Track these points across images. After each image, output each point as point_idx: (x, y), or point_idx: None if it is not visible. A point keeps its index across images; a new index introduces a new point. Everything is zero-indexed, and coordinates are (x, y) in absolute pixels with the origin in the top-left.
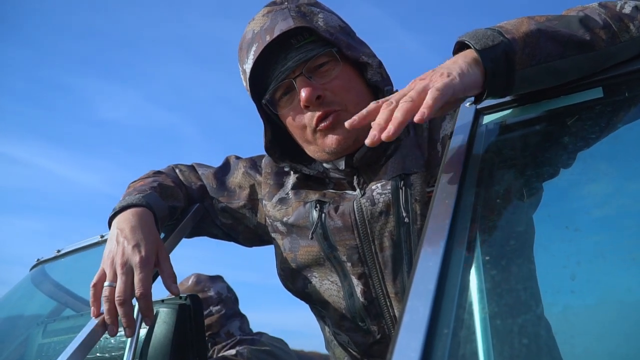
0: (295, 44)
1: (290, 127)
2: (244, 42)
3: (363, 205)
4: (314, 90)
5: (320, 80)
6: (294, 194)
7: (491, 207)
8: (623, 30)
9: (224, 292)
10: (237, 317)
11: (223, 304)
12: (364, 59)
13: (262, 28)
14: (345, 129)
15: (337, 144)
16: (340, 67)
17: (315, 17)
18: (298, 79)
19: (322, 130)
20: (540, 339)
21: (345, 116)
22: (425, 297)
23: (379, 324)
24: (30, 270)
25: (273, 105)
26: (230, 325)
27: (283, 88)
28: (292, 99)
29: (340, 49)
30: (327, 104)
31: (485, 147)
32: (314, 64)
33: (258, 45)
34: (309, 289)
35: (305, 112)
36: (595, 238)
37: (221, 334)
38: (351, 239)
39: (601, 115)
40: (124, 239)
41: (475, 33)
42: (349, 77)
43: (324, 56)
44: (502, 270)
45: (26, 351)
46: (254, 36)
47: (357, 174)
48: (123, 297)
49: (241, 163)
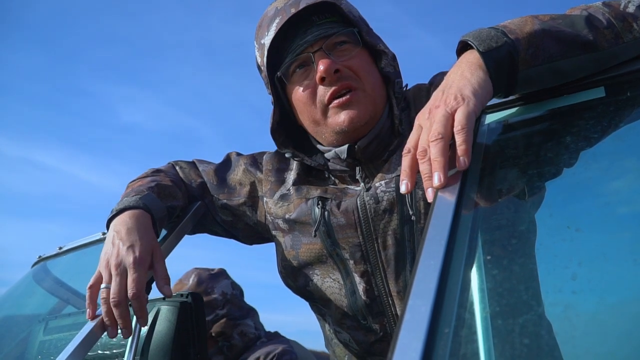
0: (316, 21)
1: (300, 104)
2: (265, 19)
3: (367, 203)
4: (333, 64)
5: (339, 58)
6: (295, 190)
7: (493, 206)
8: (626, 30)
9: (229, 291)
10: (247, 315)
11: (230, 304)
12: (381, 47)
13: (287, 4)
14: (360, 108)
15: (349, 121)
16: (358, 49)
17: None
18: (317, 53)
19: (335, 107)
20: (541, 339)
21: (363, 95)
22: (426, 296)
23: (381, 322)
24: (32, 267)
25: (286, 77)
26: (243, 325)
27: (299, 61)
28: (307, 73)
29: (361, 32)
30: (344, 78)
31: (488, 146)
32: (334, 40)
33: (281, 18)
34: (311, 287)
35: (318, 88)
36: (596, 238)
37: (234, 336)
38: (354, 236)
39: (603, 115)
40: (119, 241)
41: (479, 33)
42: (366, 60)
43: (345, 35)
44: (504, 270)
45: (27, 348)
46: (276, 12)
47: (359, 167)
48: (117, 299)
49: (242, 160)
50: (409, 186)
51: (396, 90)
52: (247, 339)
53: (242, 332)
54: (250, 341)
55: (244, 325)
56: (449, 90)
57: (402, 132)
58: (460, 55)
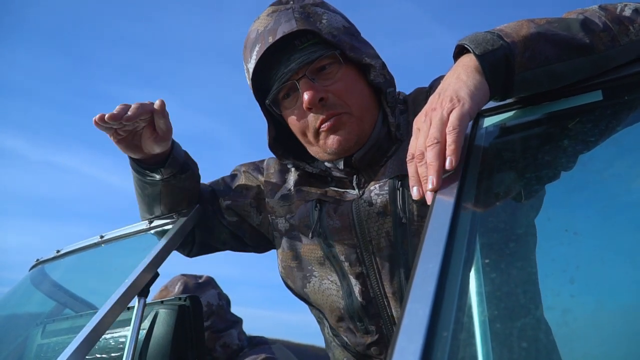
0: (298, 45)
1: (293, 127)
2: (248, 41)
3: (361, 206)
4: (317, 93)
5: (324, 82)
6: (296, 191)
7: (491, 209)
8: (623, 33)
9: (215, 302)
10: (232, 326)
11: (215, 316)
12: (367, 60)
13: (266, 29)
14: (347, 131)
15: (338, 145)
16: (343, 69)
17: (319, 18)
18: (301, 80)
19: (325, 132)
20: (539, 343)
21: (348, 118)
22: (424, 299)
23: (377, 323)
24: (29, 270)
25: (276, 105)
26: (226, 336)
27: (286, 89)
28: (295, 100)
29: (344, 51)
30: (330, 106)
31: (486, 149)
32: (317, 65)
33: (260, 46)
34: (309, 289)
35: (307, 114)
36: (594, 242)
37: (217, 348)
38: (349, 239)
39: (600, 118)
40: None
41: (475, 37)
42: (351, 79)
43: (327, 58)
44: (502, 273)
45: (25, 351)
46: (257, 36)
47: (357, 174)
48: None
49: (244, 167)
50: (420, 191)
51: (389, 99)
52: (230, 350)
53: (224, 343)
54: (234, 353)
55: (227, 336)
56: (445, 93)
57: (399, 137)
58: (457, 59)
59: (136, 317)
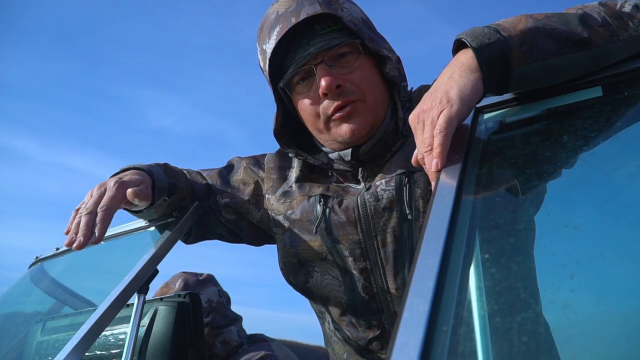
0: (319, 31)
1: (304, 113)
2: (266, 23)
3: (367, 201)
4: (335, 79)
5: (341, 70)
6: (298, 187)
7: (491, 205)
8: (622, 29)
9: (215, 299)
10: (231, 323)
11: (215, 313)
12: (385, 52)
13: (287, 10)
14: (361, 120)
15: (351, 133)
16: (361, 58)
17: (340, 6)
18: (319, 66)
19: (337, 120)
20: (539, 337)
21: (363, 107)
22: (424, 294)
23: (379, 319)
24: (29, 268)
25: (289, 89)
26: (225, 333)
27: (302, 73)
28: (310, 85)
29: (363, 41)
30: (346, 93)
31: (485, 145)
32: (337, 52)
33: (282, 26)
34: (310, 284)
35: (321, 101)
36: (594, 236)
37: (217, 344)
38: (354, 233)
39: (600, 114)
40: (111, 178)
41: (473, 31)
42: (368, 69)
43: (347, 46)
44: (502, 268)
45: (25, 348)
46: (277, 17)
47: (362, 167)
48: (89, 209)
49: (244, 161)
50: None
51: (402, 94)
52: (229, 347)
53: (224, 340)
54: (233, 349)
55: (226, 333)
56: (435, 94)
57: (405, 133)
58: (456, 54)
59: (136, 314)
